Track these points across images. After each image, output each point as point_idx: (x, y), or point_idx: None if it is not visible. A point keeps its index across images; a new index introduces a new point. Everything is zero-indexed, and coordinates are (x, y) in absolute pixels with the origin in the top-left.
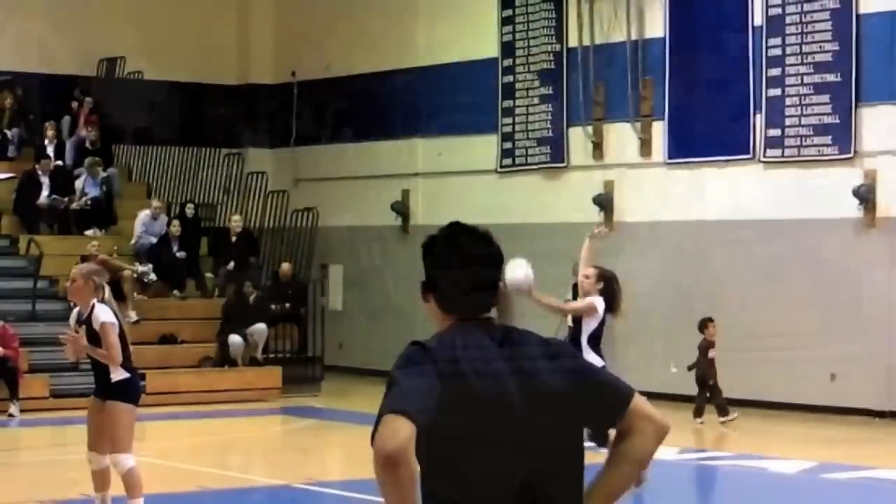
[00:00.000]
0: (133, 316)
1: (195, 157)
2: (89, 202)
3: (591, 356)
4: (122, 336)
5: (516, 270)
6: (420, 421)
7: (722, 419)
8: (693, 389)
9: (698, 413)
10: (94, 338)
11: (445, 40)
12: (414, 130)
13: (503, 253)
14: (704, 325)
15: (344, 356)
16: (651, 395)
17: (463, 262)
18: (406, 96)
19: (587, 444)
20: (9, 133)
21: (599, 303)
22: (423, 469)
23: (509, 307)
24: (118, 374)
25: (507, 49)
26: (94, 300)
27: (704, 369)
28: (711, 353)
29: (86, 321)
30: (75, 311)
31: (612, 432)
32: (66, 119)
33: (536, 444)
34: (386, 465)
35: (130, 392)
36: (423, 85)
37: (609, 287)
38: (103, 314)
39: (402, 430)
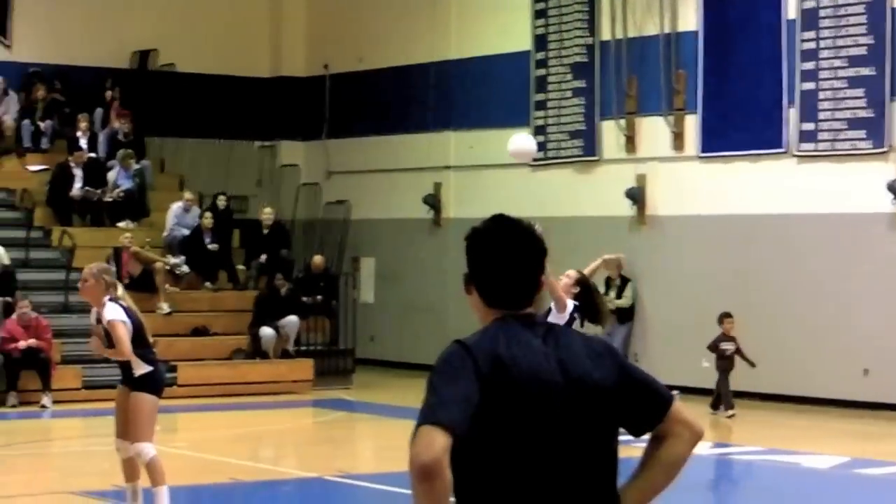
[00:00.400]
0: (165, 308)
1: (228, 150)
2: (122, 194)
3: None
4: (139, 330)
5: (523, 140)
6: (455, 432)
7: (714, 412)
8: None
9: (728, 406)
10: (110, 335)
11: (478, 33)
12: (446, 123)
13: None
14: (721, 319)
15: (375, 349)
16: (682, 390)
17: (507, 254)
18: (438, 89)
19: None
20: (42, 125)
21: (570, 304)
22: (460, 474)
23: (540, 298)
24: (141, 368)
25: (540, 42)
26: (106, 298)
27: (719, 361)
28: (725, 346)
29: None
30: (94, 310)
31: None
32: (99, 111)
33: (575, 443)
34: (421, 476)
35: (153, 384)
36: (456, 78)
37: (586, 297)
38: (110, 312)
39: (437, 442)
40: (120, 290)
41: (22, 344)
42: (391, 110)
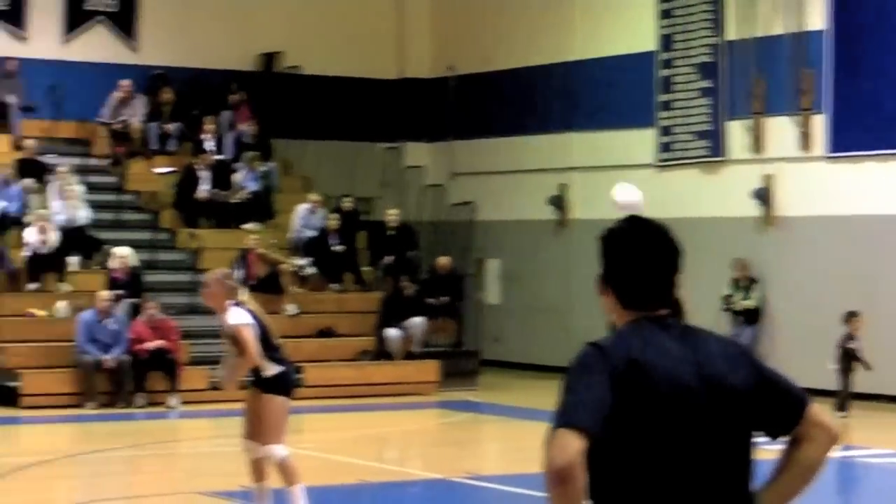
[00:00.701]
0: (292, 309)
1: (353, 152)
2: (248, 196)
3: None
4: (265, 332)
5: (628, 192)
6: (590, 434)
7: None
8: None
9: (842, 406)
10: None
11: (603, 33)
12: (571, 124)
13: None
14: (848, 318)
15: (500, 350)
16: (809, 392)
17: (643, 255)
18: (563, 90)
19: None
20: (169, 128)
21: None
22: (594, 476)
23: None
24: (270, 370)
25: (666, 42)
26: (229, 303)
27: (842, 360)
28: (850, 344)
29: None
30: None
31: None
32: (226, 114)
33: (711, 445)
34: (556, 480)
35: (283, 385)
36: (581, 78)
37: None
38: (232, 316)
39: (571, 445)
40: (245, 295)
41: (150, 345)
42: (516, 111)
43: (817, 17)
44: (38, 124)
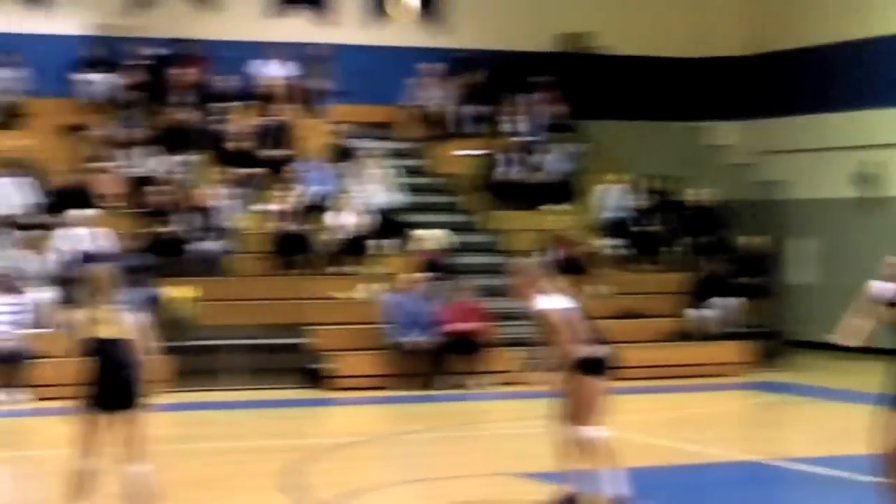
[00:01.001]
0: (599, 290)
1: (660, 131)
2: (555, 177)
3: None
4: (578, 315)
5: None
6: None
7: None
8: None
9: None
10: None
11: None
12: (882, 100)
13: None
14: None
15: (812, 331)
16: None
17: None
18: (874, 66)
19: None
20: (474, 110)
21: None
22: None
23: None
24: (583, 352)
25: None
26: (537, 290)
27: None
28: None
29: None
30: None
31: None
32: (530, 95)
33: None
34: (891, 463)
35: (599, 366)
36: (886, 54)
37: None
38: (539, 303)
39: None
40: (554, 280)
41: (459, 327)
42: (826, 88)
43: None
44: (348, 109)
